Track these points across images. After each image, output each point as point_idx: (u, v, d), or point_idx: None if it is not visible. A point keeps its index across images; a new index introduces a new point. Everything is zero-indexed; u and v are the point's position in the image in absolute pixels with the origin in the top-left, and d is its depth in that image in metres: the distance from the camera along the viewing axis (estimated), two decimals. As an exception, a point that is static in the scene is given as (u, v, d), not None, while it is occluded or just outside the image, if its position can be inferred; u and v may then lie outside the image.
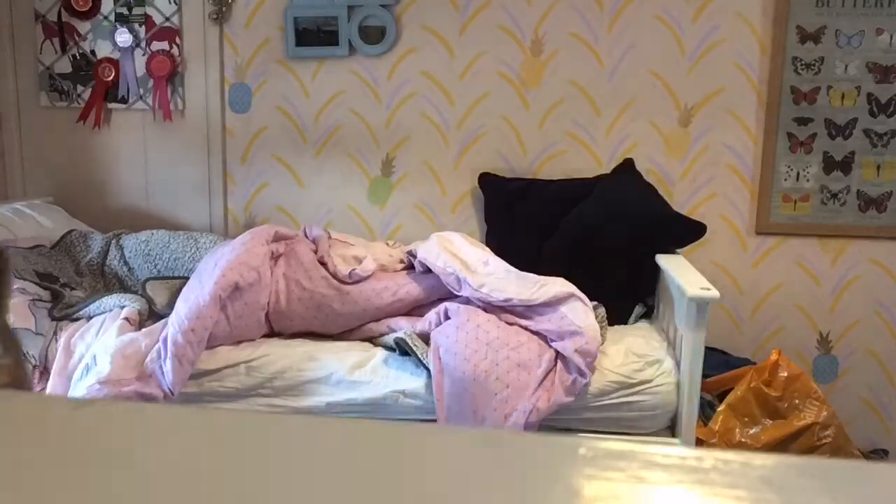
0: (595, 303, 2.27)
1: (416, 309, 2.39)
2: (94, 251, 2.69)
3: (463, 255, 2.40)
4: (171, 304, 2.30)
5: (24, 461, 0.40)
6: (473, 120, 2.99)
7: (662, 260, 2.44)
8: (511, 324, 2.18)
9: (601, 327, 2.20)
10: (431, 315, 2.27)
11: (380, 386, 2.14)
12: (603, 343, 2.17)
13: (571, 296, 2.17)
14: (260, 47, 3.07)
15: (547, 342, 2.13)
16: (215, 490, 0.38)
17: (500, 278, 2.27)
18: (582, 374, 2.02)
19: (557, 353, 2.10)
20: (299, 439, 0.44)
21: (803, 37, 2.77)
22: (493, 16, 2.93)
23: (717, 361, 2.52)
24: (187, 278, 2.40)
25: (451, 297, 2.32)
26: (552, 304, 2.16)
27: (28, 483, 0.38)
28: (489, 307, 2.22)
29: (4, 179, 3.26)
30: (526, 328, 2.16)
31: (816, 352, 2.92)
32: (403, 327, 2.28)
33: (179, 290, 2.34)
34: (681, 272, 2.24)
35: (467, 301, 2.26)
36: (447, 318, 2.23)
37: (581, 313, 2.12)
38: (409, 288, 2.37)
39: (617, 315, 2.48)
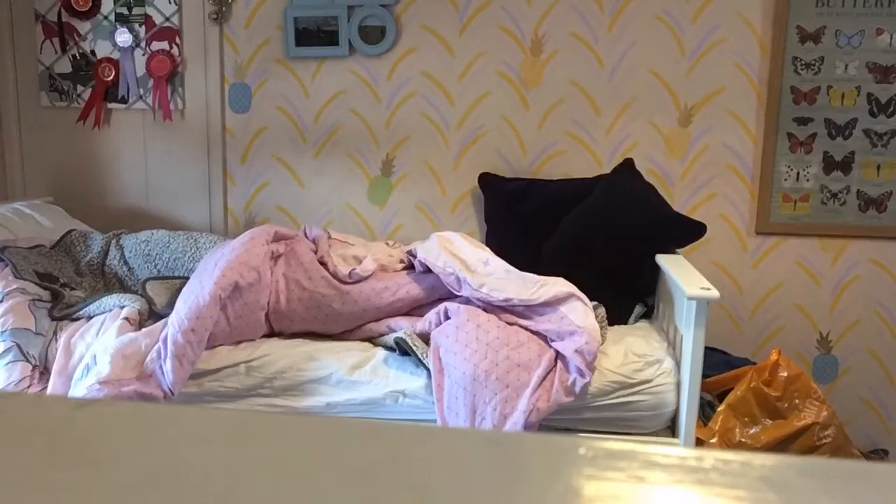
0: (595, 303, 2.27)
1: (416, 309, 2.39)
2: (94, 251, 2.69)
3: (463, 255, 2.40)
4: (171, 304, 2.30)
5: (24, 461, 0.40)
6: (473, 120, 3.00)
7: (662, 260, 2.44)
8: (511, 324, 2.18)
9: (601, 327, 2.20)
10: (431, 315, 2.27)
11: (380, 386, 2.14)
12: (603, 343, 2.17)
13: (571, 296, 2.17)
14: (260, 47, 3.07)
15: (547, 342, 2.13)
16: (215, 490, 0.38)
17: (500, 278, 2.27)
18: (582, 374, 2.02)
19: (557, 353, 2.10)
20: (299, 439, 0.44)
21: (803, 37, 2.77)
22: (493, 16, 2.93)
23: (717, 361, 2.52)
24: (187, 278, 2.40)
25: (451, 297, 2.32)
26: (552, 303, 2.16)
27: (28, 483, 0.38)
28: (489, 307, 2.22)
29: (4, 179, 3.26)
30: (526, 328, 2.16)
31: (816, 352, 2.92)
32: (403, 327, 2.28)
33: (179, 290, 2.34)
34: (681, 272, 2.24)
35: (467, 301, 2.26)
36: (447, 318, 2.23)
37: (581, 313, 2.12)
38: (409, 288, 2.37)
39: (617, 315, 2.48)
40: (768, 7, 2.79)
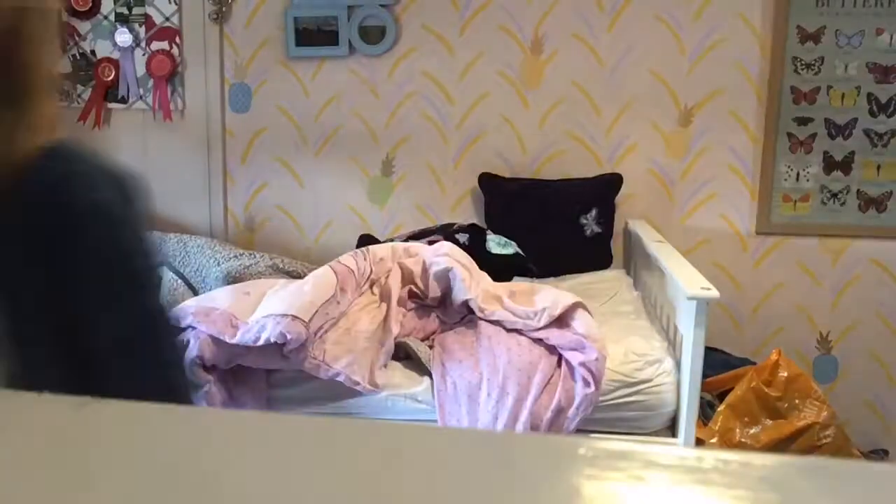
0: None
1: (422, 313, 2.34)
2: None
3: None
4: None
5: (24, 461, 0.40)
6: (473, 120, 2.99)
7: (663, 260, 2.44)
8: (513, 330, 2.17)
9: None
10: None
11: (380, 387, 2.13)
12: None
13: (576, 307, 2.15)
14: (260, 47, 3.07)
15: (548, 349, 2.12)
16: (216, 490, 0.38)
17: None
18: (587, 384, 2.01)
19: (560, 358, 2.09)
20: (299, 439, 0.44)
21: (803, 37, 2.77)
22: (493, 16, 2.93)
23: (717, 361, 2.52)
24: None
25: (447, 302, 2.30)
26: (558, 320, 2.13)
27: (28, 483, 0.38)
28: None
29: (4, 179, 3.26)
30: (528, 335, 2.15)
31: (816, 352, 2.92)
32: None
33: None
34: (681, 272, 2.24)
35: (469, 311, 2.23)
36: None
37: (586, 323, 2.11)
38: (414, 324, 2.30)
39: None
40: (768, 7, 2.79)
